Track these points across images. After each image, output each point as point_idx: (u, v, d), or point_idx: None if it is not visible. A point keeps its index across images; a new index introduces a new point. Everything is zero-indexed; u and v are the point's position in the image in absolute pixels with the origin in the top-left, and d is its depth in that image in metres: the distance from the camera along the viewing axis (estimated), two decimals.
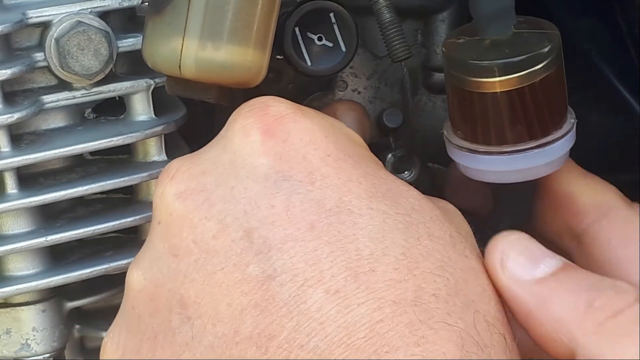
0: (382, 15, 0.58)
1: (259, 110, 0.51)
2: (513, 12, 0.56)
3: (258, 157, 0.49)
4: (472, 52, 0.55)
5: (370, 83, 0.68)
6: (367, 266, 0.46)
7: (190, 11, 0.53)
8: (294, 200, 0.47)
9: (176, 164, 0.51)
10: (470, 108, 0.56)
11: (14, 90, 0.59)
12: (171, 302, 0.48)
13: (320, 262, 0.46)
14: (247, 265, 0.46)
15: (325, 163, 0.49)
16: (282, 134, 0.49)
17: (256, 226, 0.47)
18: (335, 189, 0.48)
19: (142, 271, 0.50)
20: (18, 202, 0.59)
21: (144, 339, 0.49)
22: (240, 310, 0.46)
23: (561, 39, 0.56)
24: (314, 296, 0.45)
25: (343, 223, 0.47)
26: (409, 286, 0.45)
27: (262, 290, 0.46)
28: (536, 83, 0.55)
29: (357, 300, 0.45)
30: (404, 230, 0.47)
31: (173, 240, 0.49)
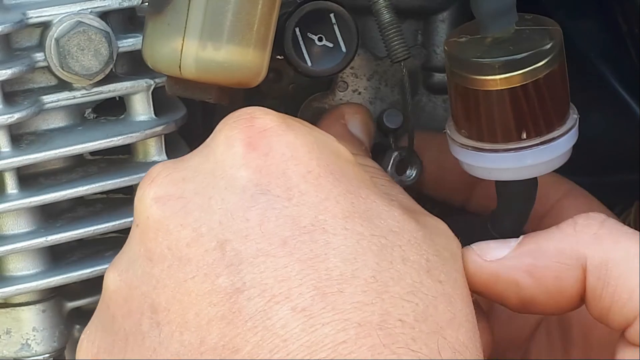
0: (381, 15, 0.58)
1: (244, 121, 0.50)
2: (515, 9, 0.56)
3: (238, 169, 0.49)
4: (474, 50, 0.55)
5: (371, 84, 0.68)
6: (336, 287, 0.46)
7: (190, 11, 0.53)
8: (269, 215, 0.47)
9: (158, 168, 0.51)
10: (474, 106, 0.56)
11: (14, 91, 0.59)
12: (143, 305, 0.48)
13: (290, 279, 0.46)
14: (218, 276, 0.46)
15: (305, 180, 0.49)
16: (265, 148, 0.49)
17: (230, 238, 0.47)
18: (311, 206, 0.48)
19: (119, 272, 0.50)
20: (18, 202, 0.59)
21: (116, 339, 0.49)
22: (207, 320, 0.46)
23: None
24: (279, 313, 0.45)
25: (316, 242, 0.47)
26: (376, 309, 0.45)
27: (230, 303, 0.46)
28: (540, 79, 0.55)
29: (322, 320, 0.45)
30: (377, 252, 0.47)
31: (149, 245, 0.49)
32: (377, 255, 0.47)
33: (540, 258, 0.52)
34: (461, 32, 0.58)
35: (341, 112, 0.65)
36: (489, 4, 0.55)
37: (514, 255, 0.53)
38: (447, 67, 0.58)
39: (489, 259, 0.53)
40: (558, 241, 0.52)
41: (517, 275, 0.53)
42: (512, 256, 0.53)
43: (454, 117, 0.59)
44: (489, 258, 0.53)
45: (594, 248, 0.51)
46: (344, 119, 0.65)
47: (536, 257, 0.52)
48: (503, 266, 0.53)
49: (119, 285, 0.50)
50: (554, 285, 0.52)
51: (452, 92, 0.58)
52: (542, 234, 0.53)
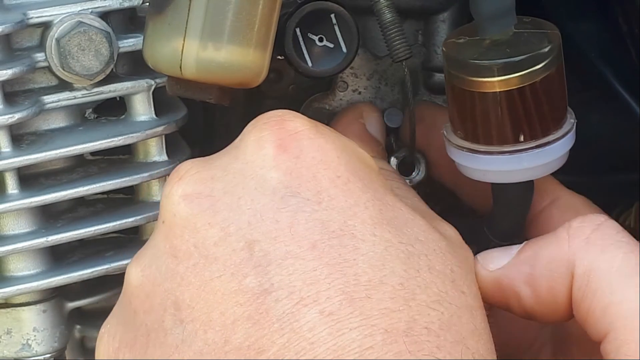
0: (383, 15, 0.58)
1: (275, 123, 0.50)
2: (513, 11, 0.56)
3: (269, 170, 0.49)
4: (472, 52, 0.55)
5: (371, 83, 0.68)
6: (364, 292, 0.46)
7: (191, 11, 0.53)
8: (299, 218, 0.47)
9: (187, 165, 0.51)
10: (470, 108, 0.56)
11: (14, 91, 0.59)
12: (166, 302, 0.48)
13: (318, 282, 0.46)
14: (245, 276, 0.46)
15: (335, 184, 0.49)
16: (295, 150, 0.49)
17: (258, 239, 0.47)
18: (341, 211, 0.48)
19: (142, 267, 0.50)
20: (19, 203, 0.59)
21: (137, 335, 0.49)
22: (232, 320, 0.46)
23: (561, 40, 0.56)
24: (307, 316, 0.45)
25: (345, 246, 0.47)
26: (403, 317, 0.46)
27: (257, 304, 0.46)
28: (537, 83, 0.55)
29: (349, 325, 0.45)
30: (404, 260, 0.47)
31: (174, 242, 0.49)
32: (404, 263, 0.47)
33: (536, 266, 0.52)
34: (460, 33, 0.58)
35: (359, 111, 0.65)
36: (487, 6, 0.55)
37: (514, 264, 0.53)
38: (445, 68, 0.58)
39: (491, 268, 0.53)
40: (552, 248, 0.52)
41: (516, 285, 0.53)
42: (512, 264, 0.53)
43: (450, 118, 0.59)
44: (491, 268, 0.53)
45: (582, 255, 0.51)
46: (362, 118, 0.65)
47: (533, 266, 0.52)
48: (504, 275, 0.53)
49: (142, 280, 0.50)
50: (549, 294, 0.52)
51: (449, 93, 0.58)
52: (540, 240, 0.53)
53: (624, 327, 0.48)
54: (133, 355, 0.49)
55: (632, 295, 0.49)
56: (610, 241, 0.51)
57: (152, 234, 0.51)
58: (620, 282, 0.49)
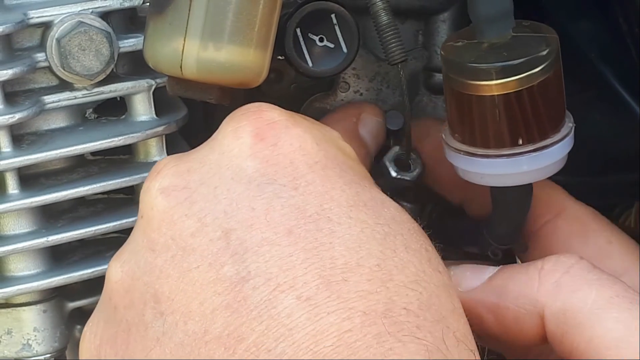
0: (379, 17, 0.58)
1: (252, 114, 0.51)
2: (512, 15, 0.56)
3: (245, 159, 0.49)
4: (470, 55, 0.55)
5: (372, 85, 0.68)
6: (341, 275, 0.46)
7: (191, 11, 0.53)
8: (274, 205, 0.47)
9: (165, 160, 0.52)
10: (468, 111, 0.56)
11: (15, 91, 0.59)
12: (145, 295, 0.48)
13: (294, 268, 0.46)
14: (222, 265, 0.46)
15: (312, 170, 0.49)
16: (272, 139, 0.50)
17: (235, 227, 0.47)
18: (317, 195, 0.48)
19: (121, 263, 0.50)
20: (19, 203, 0.59)
21: (118, 330, 0.49)
22: (211, 309, 0.46)
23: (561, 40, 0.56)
24: (284, 302, 0.45)
25: (321, 230, 0.47)
26: (381, 298, 0.45)
27: (235, 292, 0.46)
28: (534, 86, 0.55)
29: (327, 309, 0.45)
30: (380, 241, 0.47)
31: (152, 235, 0.49)
32: (380, 244, 0.47)
33: (503, 298, 0.53)
34: (458, 36, 0.58)
35: (357, 110, 0.65)
36: (486, 9, 0.55)
37: (482, 290, 0.54)
38: (443, 71, 0.58)
39: (461, 288, 0.54)
40: (522, 284, 0.53)
41: (481, 311, 0.54)
42: (481, 290, 0.54)
43: (449, 121, 0.59)
44: (461, 288, 0.54)
45: (552, 297, 0.52)
46: (358, 118, 0.65)
47: (500, 297, 0.53)
48: (471, 299, 0.54)
49: (121, 276, 0.50)
50: (514, 326, 0.53)
51: (447, 96, 0.58)
52: (511, 272, 0.54)
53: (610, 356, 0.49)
54: (115, 351, 0.49)
55: (612, 325, 0.50)
56: (582, 281, 0.52)
57: (132, 231, 0.51)
58: (599, 316, 0.50)
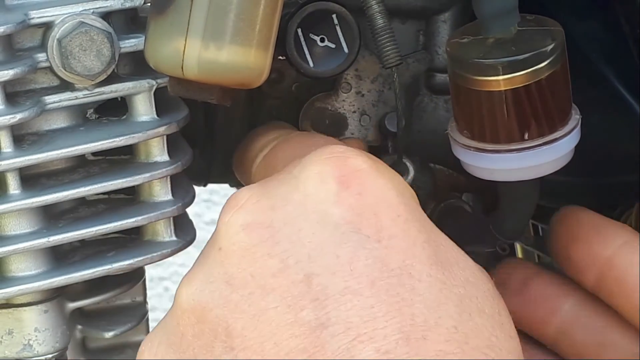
0: (375, 20, 0.58)
1: (337, 160, 0.50)
2: (517, 10, 0.56)
3: (331, 205, 0.49)
4: (476, 51, 0.56)
5: (374, 86, 0.68)
6: (420, 333, 0.45)
7: (192, 11, 0.53)
8: (359, 254, 0.47)
9: (246, 193, 0.51)
10: (477, 107, 0.56)
11: (16, 91, 0.59)
12: (217, 328, 0.48)
13: (375, 319, 0.45)
14: (302, 309, 0.46)
15: (395, 224, 0.49)
16: (358, 187, 0.49)
17: (317, 272, 0.47)
18: (400, 250, 0.48)
19: (193, 290, 0.49)
20: (20, 203, 0.59)
21: (183, 357, 0.49)
22: (287, 352, 0.45)
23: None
24: (363, 352, 0.44)
25: (403, 286, 0.47)
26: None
27: (313, 337, 0.45)
28: (543, 80, 0.55)
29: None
30: (457, 303, 0.47)
31: (230, 269, 0.48)
32: (457, 306, 0.47)
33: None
34: (463, 33, 0.58)
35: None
36: (491, 5, 0.56)
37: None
38: (449, 68, 0.58)
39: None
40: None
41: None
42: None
43: (456, 117, 0.59)
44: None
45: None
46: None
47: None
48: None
49: (193, 304, 0.49)
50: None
51: (454, 93, 0.58)
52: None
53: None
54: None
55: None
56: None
57: (204, 258, 0.51)
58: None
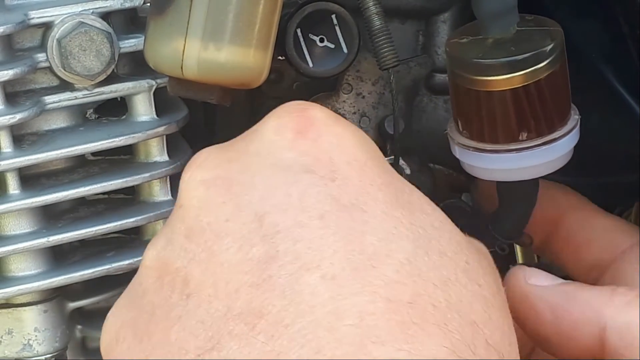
0: (372, 22, 0.58)
1: (295, 111, 0.51)
2: (516, 10, 0.56)
3: (286, 150, 0.49)
4: (476, 51, 0.56)
5: (375, 88, 0.68)
6: (369, 262, 0.46)
7: (192, 12, 0.53)
8: (310, 192, 0.47)
9: (205, 152, 0.52)
10: (476, 107, 0.56)
11: (15, 91, 0.59)
12: (176, 279, 0.48)
13: (323, 249, 0.46)
14: (253, 246, 0.47)
15: (351, 167, 0.49)
16: (314, 135, 0.50)
17: (269, 211, 0.47)
18: (354, 189, 0.48)
19: (157, 250, 0.50)
20: (20, 203, 0.59)
21: (142, 312, 0.49)
22: (236, 288, 0.46)
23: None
24: (309, 280, 0.45)
25: (354, 220, 0.47)
26: (407, 290, 0.45)
27: (261, 270, 0.46)
28: (542, 80, 0.55)
29: (351, 290, 0.44)
30: (413, 240, 0.47)
31: (189, 222, 0.49)
32: (412, 243, 0.47)
33: (569, 302, 0.55)
34: (462, 33, 0.58)
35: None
36: (490, 5, 0.56)
37: (551, 289, 0.55)
38: (448, 68, 0.58)
39: (530, 282, 0.55)
40: (592, 296, 0.55)
41: (542, 307, 0.55)
42: (549, 289, 0.55)
43: (455, 117, 0.59)
44: (530, 281, 0.55)
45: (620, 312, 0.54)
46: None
47: (566, 300, 0.55)
48: (536, 294, 0.55)
49: (155, 262, 0.50)
50: (570, 331, 0.54)
51: (453, 93, 0.58)
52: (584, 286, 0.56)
53: None
54: (134, 332, 0.49)
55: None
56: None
57: (169, 219, 0.51)
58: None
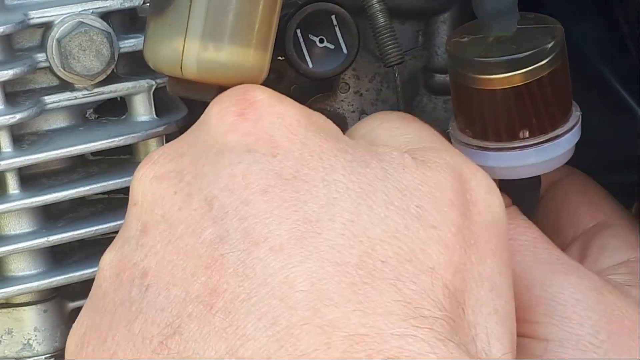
0: (376, 19, 0.58)
1: (236, 95, 0.52)
2: (516, 8, 0.56)
3: (228, 135, 0.50)
4: (477, 50, 0.56)
5: (373, 85, 0.68)
6: (313, 229, 0.46)
7: (191, 12, 0.53)
8: (252, 169, 0.48)
9: (159, 150, 0.52)
10: (478, 106, 0.56)
11: (15, 91, 0.59)
12: (134, 274, 0.49)
13: (268, 223, 0.46)
14: (204, 230, 0.47)
15: (291, 142, 0.50)
16: (254, 116, 0.50)
17: (216, 194, 0.48)
18: (295, 162, 0.49)
19: (114, 252, 0.50)
20: (20, 203, 0.59)
21: (104, 314, 0.49)
22: (192, 272, 0.46)
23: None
24: (259, 254, 0.46)
25: (297, 191, 0.48)
26: (354, 251, 0.46)
27: (213, 251, 0.46)
28: (543, 77, 0.55)
29: (299, 258, 0.45)
30: (356, 198, 0.48)
31: (144, 217, 0.50)
32: (355, 201, 0.47)
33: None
34: (463, 31, 0.58)
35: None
36: (491, 4, 0.56)
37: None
38: (449, 67, 0.58)
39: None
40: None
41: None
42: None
43: (457, 116, 0.59)
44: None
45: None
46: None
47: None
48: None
49: (112, 263, 0.50)
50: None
51: (454, 92, 0.58)
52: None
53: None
54: (98, 334, 0.49)
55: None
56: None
57: (124, 221, 0.52)
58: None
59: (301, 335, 0.43)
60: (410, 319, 0.44)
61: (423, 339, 0.43)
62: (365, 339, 0.43)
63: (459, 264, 0.48)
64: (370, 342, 0.43)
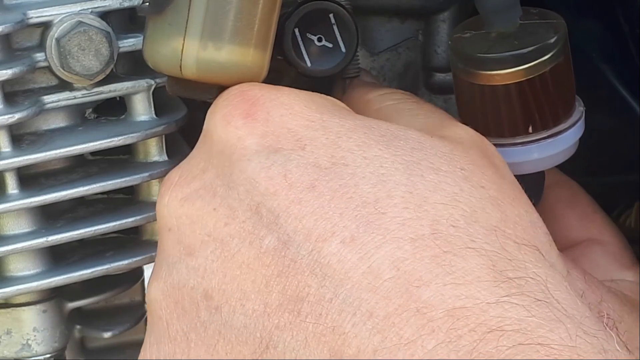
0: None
1: (234, 97, 0.51)
2: (518, 4, 0.56)
3: (245, 139, 0.49)
4: (480, 46, 0.56)
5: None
6: (376, 211, 0.46)
7: (191, 11, 0.53)
8: (289, 167, 0.48)
9: (176, 172, 0.52)
10: (481, 102, 0.56)
11: (14, 91, 0.59)
12: (196, 298, 0.48)
13: (329, 216, 0.46)
14: (262, 238, 0.46)
15: (310, 128, 0.49)
16: (262, 114, 0.50)
17: (260, 201, 0.47)
18: (325, 148, 0.48)
19: (162, 281, 0.50)
20: (19, 203, 0.59)
21: (175, 344, 0.49)
22: (265, 283, 0.46)
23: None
24: (331, 249, 0.45)
25: (342, 177, 0.47)
26: (424, 222, 0.45)
27: (281, 257, 0.46)
28: (546, 73, 0.55)
29: (375, 244, 0.44)
30: (403, 170, 0.47)
31: (187, 241, 0.49)
32: (405, 172, 0.47)
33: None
34: (465, 27, 0.58)
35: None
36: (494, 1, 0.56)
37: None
38: (452, 64, 0.58)
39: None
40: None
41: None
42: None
43: (459, 113, 0.59)
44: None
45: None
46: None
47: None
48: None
49: (165, 292, 0.49)
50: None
51: (457, 88, 0.58)
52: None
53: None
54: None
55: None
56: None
57: (159, 248, 0.51)
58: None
59: (402, 324, 0.43)
60: (500, 283, 0.43)
61: (518, 303, 0.43)
62: (464, 313, 0.42)
63: (514, 216, 0.48)
64: (470, 315, 0.42)
